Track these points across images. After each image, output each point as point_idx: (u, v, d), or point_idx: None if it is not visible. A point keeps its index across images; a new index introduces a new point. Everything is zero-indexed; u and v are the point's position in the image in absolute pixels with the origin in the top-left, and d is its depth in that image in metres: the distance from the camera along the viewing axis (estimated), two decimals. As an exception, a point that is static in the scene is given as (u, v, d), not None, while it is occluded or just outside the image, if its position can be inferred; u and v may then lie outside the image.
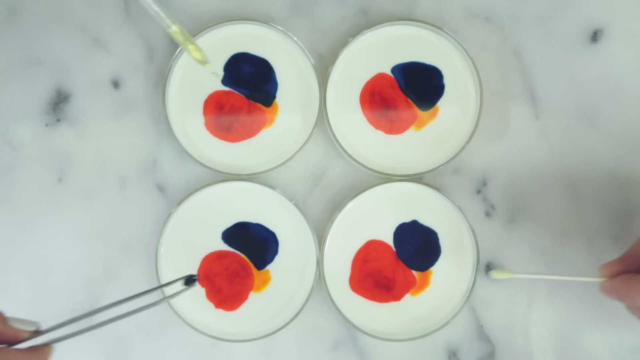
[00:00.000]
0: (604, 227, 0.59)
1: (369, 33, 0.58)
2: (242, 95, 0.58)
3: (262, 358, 0.59)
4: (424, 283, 0.58)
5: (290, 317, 0.57)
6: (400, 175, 0.57)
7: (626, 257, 0.50)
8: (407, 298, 0.58)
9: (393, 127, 0.58)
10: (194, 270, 0.58)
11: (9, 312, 0.59)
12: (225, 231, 0.58)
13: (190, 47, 0.49)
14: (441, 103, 0.58)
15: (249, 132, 0.58)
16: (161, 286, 0.49)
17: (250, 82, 0.57)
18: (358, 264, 0.58)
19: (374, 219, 0.58)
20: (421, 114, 0.58)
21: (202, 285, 0.58)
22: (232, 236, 0.58)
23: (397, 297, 0.58)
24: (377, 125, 0.58)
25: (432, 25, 0.57)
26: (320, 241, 0.57)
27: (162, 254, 0.57)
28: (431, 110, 0.58)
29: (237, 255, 0.58)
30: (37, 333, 0.42)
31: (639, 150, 0.59)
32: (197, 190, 0.57)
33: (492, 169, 0.59)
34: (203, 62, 0.50)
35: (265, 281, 0.58)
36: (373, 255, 0.58)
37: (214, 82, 0.58)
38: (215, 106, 0.58)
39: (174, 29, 0.47)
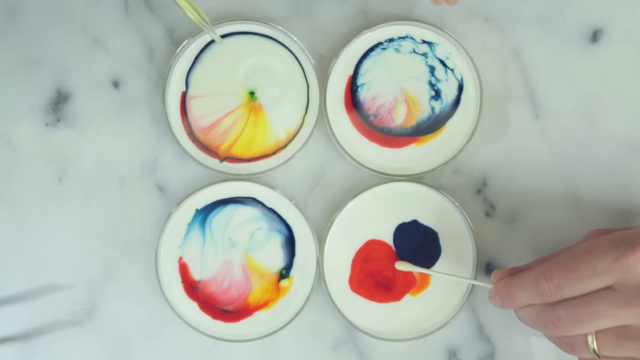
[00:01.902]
0: (603, 227, 0.59)
1: (369, 33, 0.58)
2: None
3: (262, 358, 0.59)
4: (424, 283, 0.58)
5: (290, 317, 0.57)
6: (400, 175, 0.57)
7: (517, 268, 0.52)
8: (407, 298, 0.58)
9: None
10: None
11: (9, 312, 0.59)
12: (225, 231, 0.58)
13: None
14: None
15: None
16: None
17: None
18: (358, 264, 0.58)
19: (374, 219, 0.58)
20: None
21: (202, 285, 0.58)
22: (232, 236, 0.58)
23: (397, 297, 0.58)
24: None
25: (432, 25, 0.57)
26: (320, 241, 0.57)
27: (162, 254, 0.57)
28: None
29: (237, 255, 0.58)
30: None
31: (639, 150, 0.59)
32: (197, 190, 0.57)
33: (492, 169, 0.59)
34: (201, 22, 0.52)
35: (265, 281, 0.58)
36: (373, 255, 0.58)
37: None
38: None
39: None
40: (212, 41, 0.57)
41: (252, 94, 0.58)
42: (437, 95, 0.58)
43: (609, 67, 0.59)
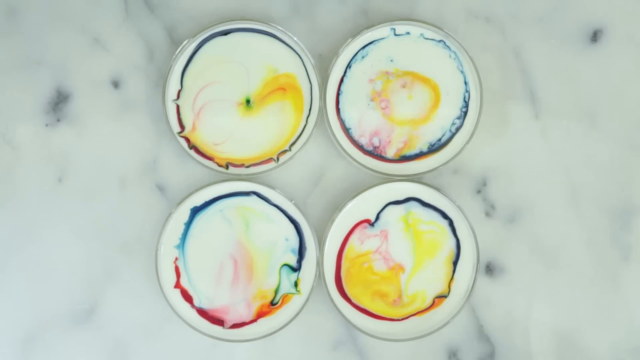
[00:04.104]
0: (604, 227, 0.59)
1: (369, 33, 0.58)
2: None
3: (262, 358, 0.59)
4: (437, 305, 0.58)
5: (290, 317, 0.57)
6: (400, 175, 0.57)
7: None
8: (413, 319, 0.58)
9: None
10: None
11: (8, 312, 0.59)
12: (225, 231, 0.58)
13: None
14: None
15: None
16: None
17: None
18: (340, 258, 0.58)
19: (372, 214, 0.58)
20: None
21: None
22: (232, 236, 0.58)
23: (401, 318, 0.58)
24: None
25: (432, 25, 0.57)
26: (320, 241, 0.57)
27: (162, 254, 0.57)
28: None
29: (237, 255, 0.58)
30: None
31: (639, 150, 0.59)
32: (197, 190, 0.57)
33: (492, 169, 0.59)
34: None
35: (265, 281, 0.58)
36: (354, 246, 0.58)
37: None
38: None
39: None
40: (209, 39, 0.58)
41: (247, 101, 0.57)
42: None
43: (609, 67, 0.59)
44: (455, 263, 0.57)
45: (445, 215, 0.57)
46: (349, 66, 0.57)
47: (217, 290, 0.57)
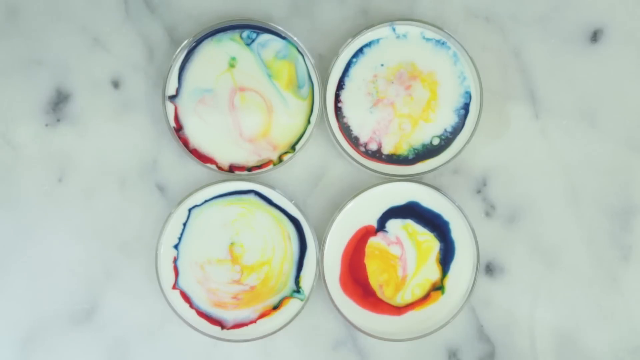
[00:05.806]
0: (604, 227, 0.59)
1: (369, 33, 0.58)
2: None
3: (262, 358, 0.59)
4: (434, 298, 0.58)
5: (290, 317, 0.57)
6: (400, 175, 0.57)
7: None
8: (411, 313, 0.58)
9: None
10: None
11: (8, 312, 0.59)
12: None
13: None
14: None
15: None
16: None
17: None
18: (346, 260, 0.58)
19: (373, 219, 0.58)
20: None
21: (202, 285, 0.58)
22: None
23: (399, 312, 0.58)
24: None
25: (432, 25, 0.57)
26: (320, 241, 0.57)
27: (162, 254, 0.57)
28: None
29: (237, 255, 0.58)
30: None
31: (639, 150, 0.59)
32: (197, 190, 0.57)
33: (492, 169, 0.59)
34: None
35: (265, 281, 0.58)
36: (359, 247, 0.58)
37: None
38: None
39: None
40: (209, 39, 0.58)
41: (233, 59, 0.57)
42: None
43: (609, 67, 0.59)
44: (442, 262, 0.57)
45: (434, 227, 0.57)
46: (349, 66, 0.57)
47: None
